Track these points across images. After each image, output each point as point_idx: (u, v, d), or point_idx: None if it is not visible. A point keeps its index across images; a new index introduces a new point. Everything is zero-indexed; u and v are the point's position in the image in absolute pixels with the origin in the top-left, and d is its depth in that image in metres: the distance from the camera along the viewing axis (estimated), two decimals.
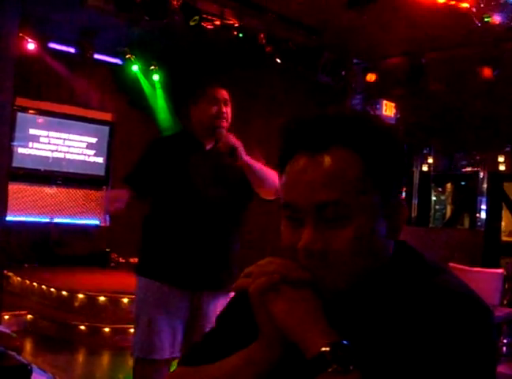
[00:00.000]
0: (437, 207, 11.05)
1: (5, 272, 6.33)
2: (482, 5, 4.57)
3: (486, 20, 4.46)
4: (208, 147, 3.09)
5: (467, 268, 5.81)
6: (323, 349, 0.87)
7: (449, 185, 11.10)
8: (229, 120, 3.08)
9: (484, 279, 5.51)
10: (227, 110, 3.07)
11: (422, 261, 1.03)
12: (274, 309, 0.92)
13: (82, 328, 5.94)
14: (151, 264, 3.04)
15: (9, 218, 5.71)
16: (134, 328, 3.08)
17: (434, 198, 10.87)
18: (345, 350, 0.87)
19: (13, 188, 6.69)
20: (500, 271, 6.23)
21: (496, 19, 4.41)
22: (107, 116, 9.39)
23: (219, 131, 2.99)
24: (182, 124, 3.36)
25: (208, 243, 3.00)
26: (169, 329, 2.97)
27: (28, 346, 5.72)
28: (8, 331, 3.89)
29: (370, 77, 7.21)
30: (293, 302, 0.92)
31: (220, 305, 3.05)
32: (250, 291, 0.94)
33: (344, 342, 0.88)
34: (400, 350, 0.91)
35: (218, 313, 2.95)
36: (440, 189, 11.12)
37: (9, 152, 5.83)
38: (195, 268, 2.98)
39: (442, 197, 11.17)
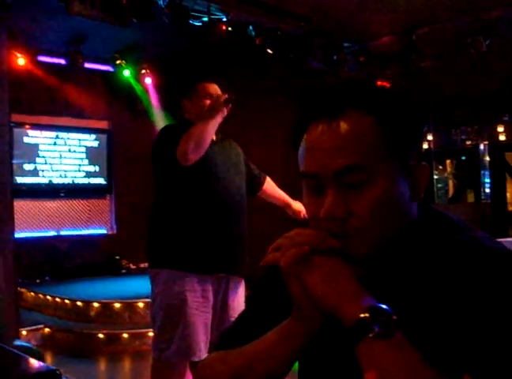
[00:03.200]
0: (439, 185, 11.00)
1: (18, 288, 6.32)
2: None
3: None
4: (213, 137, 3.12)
5: None
6: (362, 315, 0.85)
7: (448, 162, 11.06)
8: None
9: None
10: None
11: (450, 221, 1.02)
12: (307, 281, 0.91)
13: (100, 336, 5.94)
14: (180, 253, 2.93)
15: (16, 235, 5.70)
16: (164, 329, 2.90)
17: (435, 176, 10.82)
18: (385, 314, 0.86)
19: (17, 205, 6.67)
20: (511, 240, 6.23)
21: None
22: (104, 124, 9.38)
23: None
24: (178, 120, 3.35)
25: (233, 227, 3.03)
26: (204, 325, 2.90)
27: (49, 359, 5.71)
28: (28, 344, 3.89)
29: None
30: (326, 272, 0.91)
31: (240, 294, 3.10)
32: (281, 265, 0.93)
33: (383, 305, 0.86)
34: (439, 310, 0.90)
35: (240, 301, 3.04)
36: (441, 167, 11.08)
37: (11, 170, 5.80)
38: (226, 252, 2.97)
39: (445, 174, 11.13)
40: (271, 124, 7.62)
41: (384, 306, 0.86)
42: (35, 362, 2.25)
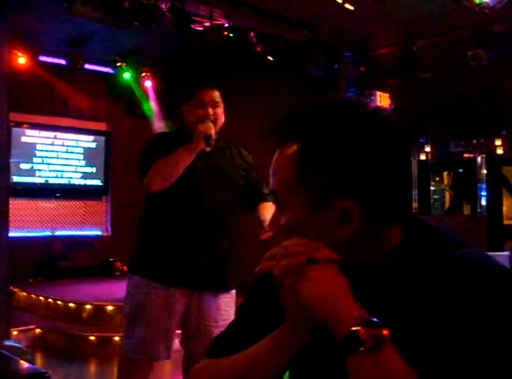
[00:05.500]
0: (435, 196, 11.02)
1: (11, 288, 6.29)
2: None
3: (477, 2, 4.44)
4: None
5: None
6: (354, 328, 0.85)
7: (445, 174, 11.09)
8: (219, 121, 3.03)
9: None
10: (217, 112, 3.02)
11: (443, 237, 1.01)
12: (301, 291, 0.91)
13: (92, 338, 5.92)
14: (149, 263, 3.00)
15: (10, 234, 5.68)
16: (128, 327, 3.01)
17: (432, 188, 10.84)
18: (376, 328, 0.85)
19: (12, 204, 6.65)
20: (506, 253, 6.24)
21: (488, 1, 4.40)
22: (102, 126, 9.37)
23: (196, 128, 2.95)
24: (177, 124, 3.31)
25: (208, 241, 2.98)
26: (165, 332, 2.96)
27: (39, 360, 5.68)
28: (19, 345, 3.87)
29: None
30: (320, 283, 0.91)
31: (223, 303, 3.06)
32: (275, 274, 0.93)
33: (375, 319, 0.86)
34: (432, 326, 0.90)
35: (222, 311, 3.07)
36: (438, 179, 11.10)
37: (8, 168, 5.79)
38: (195, 266, 2.95)
39: (442, 186, 11.15)
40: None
41: (376, 320, 0.86)
42: (24, 364, 2.24)
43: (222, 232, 3.03)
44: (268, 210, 3.14)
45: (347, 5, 5.48)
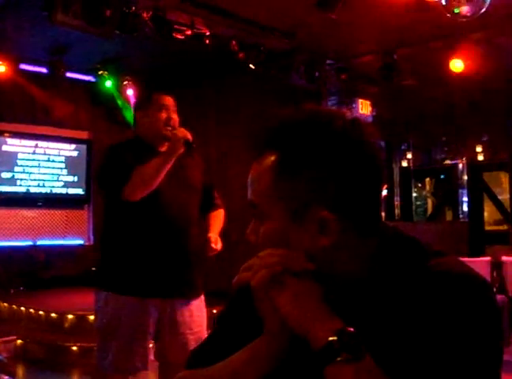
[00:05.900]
0: (418, 203, 11.09)
1: None
2: None
3: (455, 11, 4.50)
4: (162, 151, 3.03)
5: None
6: (330, 338, 0.85)
7: (427, 180, 11.17)
8: (177, 126, 3.05)
9: (473, 268, 5.56)
10: (175, 117, 3.06)
11: (418, 246, 1.02)
12: (278, 302, 0.91)
13: (74, 349, 5.85)
14: (118, 277, 2.92)
15: None
16: (102, 343, 2.95)
17: (414, 194, 10.91)
18: (353, 338, 0.86)
19: None
20: (488, 259, 6.30)
21: (465, 10, 4.46)
22: (84, 134, 9.31)
23: (173, 133, 2.93)
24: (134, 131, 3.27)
25: (175, 248, 2.95)
26: (141, 346, 2.92)
27: (20, 371, 5.62)
28: None
29: None
30: (297, 293, 0.91)
31: (195, 309, 3.04)
32: (252, 285, 0.93)
33: (351, 329, 0.87)
34: (408, 336, 0.90)
35: (195, 317, 3.05)
36: (420, 185, 11.18)
37: None
38: (164, 275, 2.92)
39: (424, 192, 11.23)
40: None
41: (352, 330, 0.86)
42: (4, 377, 2.21)
43: (189, 237, 3.02)
44: (217, 222, 3.20)
45: (328, 14, 5.51)
